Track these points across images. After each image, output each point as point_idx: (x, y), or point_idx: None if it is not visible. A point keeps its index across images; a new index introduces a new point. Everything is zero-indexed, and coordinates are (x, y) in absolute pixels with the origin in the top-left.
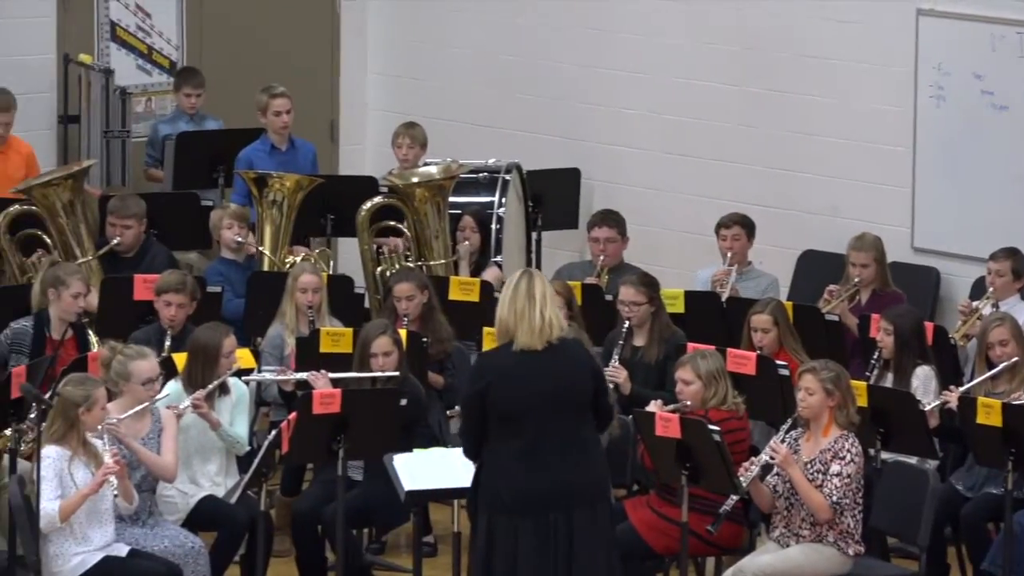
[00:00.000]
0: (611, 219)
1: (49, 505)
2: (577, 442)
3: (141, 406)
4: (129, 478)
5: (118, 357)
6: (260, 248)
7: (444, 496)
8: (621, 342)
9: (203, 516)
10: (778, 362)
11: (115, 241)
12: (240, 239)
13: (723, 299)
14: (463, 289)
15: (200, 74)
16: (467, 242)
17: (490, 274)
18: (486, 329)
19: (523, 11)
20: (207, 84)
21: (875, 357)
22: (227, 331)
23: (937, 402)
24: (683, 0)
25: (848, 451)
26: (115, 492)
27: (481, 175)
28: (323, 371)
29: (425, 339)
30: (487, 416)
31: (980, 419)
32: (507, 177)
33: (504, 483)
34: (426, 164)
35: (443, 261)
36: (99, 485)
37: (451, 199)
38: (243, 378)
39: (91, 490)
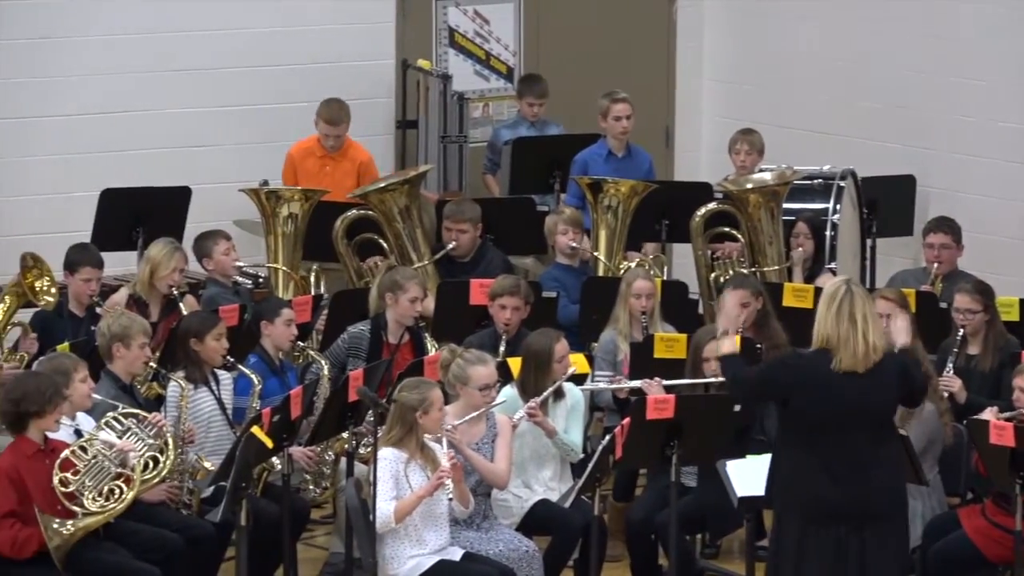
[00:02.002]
0: (947, 226)
1: (385, 506)
2: (874, 460)
3: (477, 412)
4: (464, 482)
5: (457, 360)
6: (595, 253)
7: None
8: (955, 350)
9: (537, 520)
10: None
11: (451, 246)
12: (575, 244)
13: None
14: (797, 295)
15: (543, 83)
16: (801, 248)
17: (824, 280)
18: None
19: (861, 16)
20: None
21: None
22: (558, 336)
23: None
24: None
25: None
26: (450, 495)
27: (816, 181)
28: (656, 377)
29: (759, 345)
30: (776, 403)
31: None
32: (842, 183)
33: (796, 488)
34: (761, 170)
35: (777, 267)
36: (435, 487)
37: (785, 205)
38: (577, 385)
39: (426, 492)
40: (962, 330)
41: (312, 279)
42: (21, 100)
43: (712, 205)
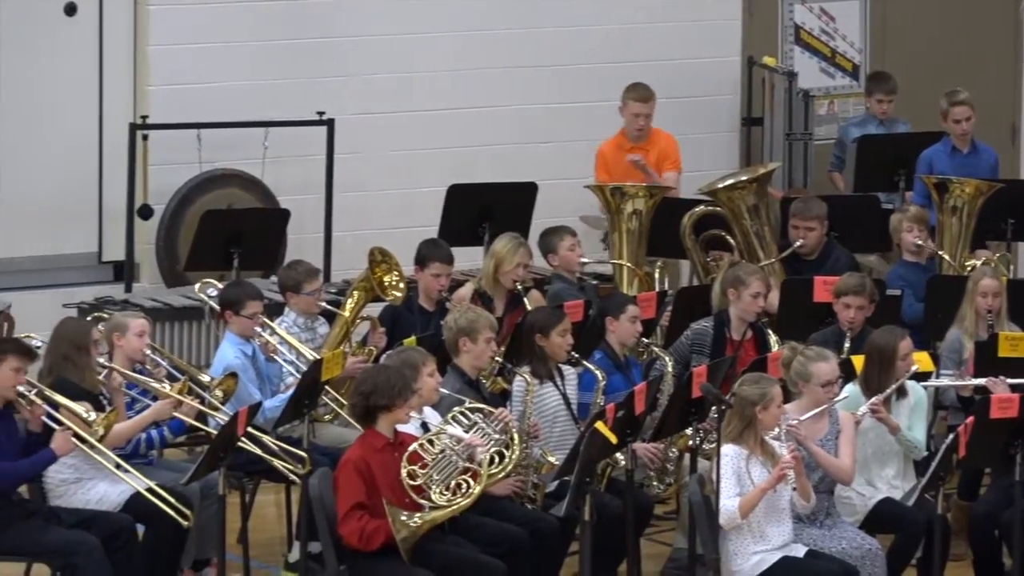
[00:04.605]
0: None
1: (729, 503)
2: None
3: (820, 408)
4: (807, 478)
5: (799, 358)
6: (940, 252)
7: None
8: None
9: (880, 518)
10: None
11: (798, 243)
12: (919, 242)
13: None
14: None
15: (892, 80)
16: None
17: None
18: None
19: None
20: None
21: None
22: (902, 334)
23: None
24: None
25: None
26: (793, 487)
27: None
28: (1001, 376)
29: None
30: None
31: None
32: None
33: None
34: None
35: None
36: (777, 480)
37: None
38: (921, 383)
39: (770, 484)
40: None
41: (657, 275)
42: (373, 96)
43: None
